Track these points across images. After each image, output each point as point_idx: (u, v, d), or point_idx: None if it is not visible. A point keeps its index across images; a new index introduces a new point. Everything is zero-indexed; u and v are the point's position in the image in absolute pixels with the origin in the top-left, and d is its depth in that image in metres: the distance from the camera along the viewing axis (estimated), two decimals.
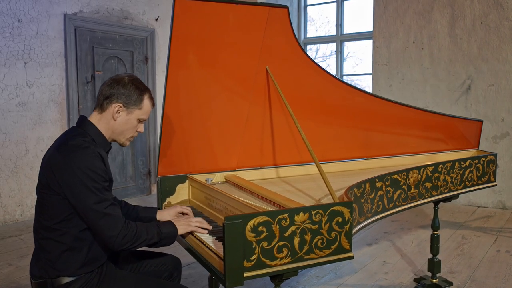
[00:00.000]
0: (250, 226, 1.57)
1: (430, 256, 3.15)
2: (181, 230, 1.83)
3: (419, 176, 2.60)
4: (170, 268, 2.08)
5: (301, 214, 1.65)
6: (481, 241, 4.18)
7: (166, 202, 2.39)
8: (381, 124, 2.92)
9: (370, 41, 6.25)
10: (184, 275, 3.00)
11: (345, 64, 7.58)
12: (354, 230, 2.08)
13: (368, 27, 6.52)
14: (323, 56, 8.19)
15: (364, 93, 2.76)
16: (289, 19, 2.20)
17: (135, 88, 1.81)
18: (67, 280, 1.68)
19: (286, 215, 1.63)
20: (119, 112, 1.79)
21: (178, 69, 2.14)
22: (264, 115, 2.48)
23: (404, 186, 2.51)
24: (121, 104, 1.78)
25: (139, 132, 1.90)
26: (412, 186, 2.56)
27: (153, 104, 1.90)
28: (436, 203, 3.04)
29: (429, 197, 2.69)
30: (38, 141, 4.86)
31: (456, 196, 2.94)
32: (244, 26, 2.15)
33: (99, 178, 1.65)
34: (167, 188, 2.39)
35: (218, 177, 2.51)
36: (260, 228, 1.59)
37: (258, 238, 1.59)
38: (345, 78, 7.37)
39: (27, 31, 4.74)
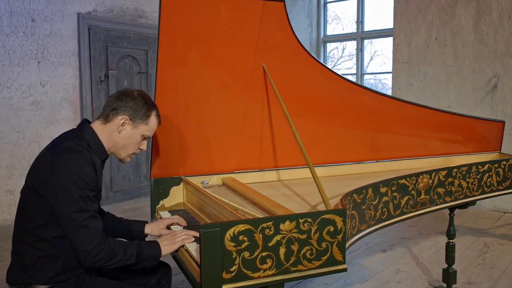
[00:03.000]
0: (230, 235, 1.46)
1: (446, 265, 2.96)
2: (166, 251, 1.70)
3: (430, 181, 2.42)
4: (159, 275, 1.98)
5: (287, 222, 1.53)
6: (506, 249, 3.93)
7: (159, 205, 2.30)
8: (391, 125, 2.74)
9: (391, 39, 6.02)
10: (176, 282, 2.88)
11: (372, 63, 7.37)
12: (354, 239, 1.95)
13: (389, 24, 6.28)
14: (349, 55, 7.99)
15: (371, 91, 2.60)
16: (285, 13, 2.06)
17: (144, 103, 1.74)
18: (40, 287, 1.60)
19: (270, 223, 1.51)
20: (124, 125, 1.72)
21: (168, 65, 2.04)
22: (263, 114, 2.36)
23: (413, 192, 2.34)
24: (127, 117, 1.72)
25: (141, 150, 1.83)
26: (423, 191, 2.39)
27: (160, 122, 1.83)
28: (451, 209, 2.84)
29: (441, 203, 2.51)
30: (51, 140, 4.87)
31: (473, 202, 2.74)
32: (237, 21, 2.04)
33: (84, 186, 1.56)
34: (160, 191, 2.30)
35: (214, 180, 2.40)
36: (241, 237, 1.47)
37: (238, 248, 1.47)
38: (366, 77, 7.16)
39: (40, 30, 4.75)
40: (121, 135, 1.73)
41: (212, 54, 2.12)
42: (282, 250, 1.52)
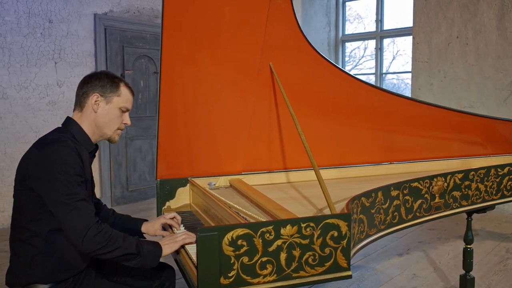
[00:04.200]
0: (228, 239, 1.41)
1: (464, 272, 2.85)
2: (166, 250, 1.66)
3: (445, 184, 2.32)
4: (162, 278, 1.95)
5: (288, 227, 1.47)
6: None
7: (165, 206, 2.27)
8: (405, 126, 2.65)
9: (411, 37, 5.88)
10: (180, 286, 2.82)
11: (394, 62, 7.22)
12: (362, 244, 1.88)
13: (409, 22, 6.13)
14: (371, 54, 7.86)
15: (384, 91, 2.52)
16: (292, 10, 2.00)
17: (108, 77, 1.75)
18: (39, 287, 1.58)
19: (271, 227, 1.45)
20: (97, 103, 1.72)
21: (172, 65, 2.01)
22: (271, 115, 2.30)
23: (426, 195, 2.25)
24: (98, 94, 1.72)
25: (126, 124, 1.81)
26: (437, 195, 2.29)
27: (133, 92, 1.82)
28: (469, 214, 2.73)
29: (457, 207, 2.41)
30: None
31: (492, 206, 2.62)
32: (242, 19, 1.99)
33: (71, 171, 1.55)
34: (166, 192, 2.27)
35: (222, 181, 2.36)
36: (239, 242, 1.42)
37: (237, 252, 1.42)
38: (388, 77, 7.02)
39: (57, 31, 4.81)
40: (99, 114, 1.72)
41: (218, 53, 2.08)
42: (283, 256, 1.47)
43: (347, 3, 7.24)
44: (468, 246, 2.80)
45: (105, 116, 1.73)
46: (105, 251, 1.52)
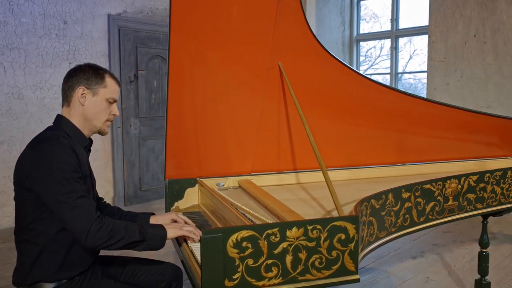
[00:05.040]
0: (233, 241, 1.39)
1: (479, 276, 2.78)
2: (171, 233, 1.67)
3: (459, 186, 2.26)
4: (168, 278, 1.93)
5: (294, 229, 1.44)
6: None
7: (174, 207, 2.26)
8: (419, 126, 2.59)
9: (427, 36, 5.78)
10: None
11: (411, 62, 7.12)
12: (371, 247, 1.85)
13: (425, 21, 6.03)
14: (387, 54, 7.76)
15: (396, 91, 2.47)
16: (301, 8, 1.97)
17: (93, 70, 1.73)
18: (45, 287, 1.59)
19: (276, 229, 1.43)
20: (84, 96, 1.70)
21: (180, 64, 2.00)
22: (280, 115, 2.28)
23: (439, 198, 2.20)
24: (83, 87, 1.70)
25: (114, 115, 1.79)
26: (450, 197, 2.24)
27: (118, 83, 1.80)
28: (484, 216, 2.66)
29: (472, 210, 2.35)
30: None
31: (509, 209, 2.55)
32: (250, 17, 1.97)
33: (67, 168, 1.54)
34: (175, 192, 2.26)
35: (230, 182, 2.34)
36: (244, 244, 1.40)
37: (242, 254, 1.40)
38: (405, 76, 6.92)
39: (72, 32, 4.86)
40: (86, 106, 1.71)
41: (226, 53, 2.06)
42: (288, 258, 1.44)
43: (362, 2, 7.16)
44: (484, 250, 2.74)
45: (93, 108, 1.71)
46: (110, 243, 1.53)
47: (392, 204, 1.95)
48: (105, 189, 5.23)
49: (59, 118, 1.73)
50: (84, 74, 1.71)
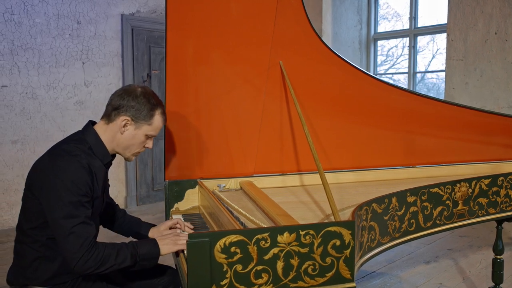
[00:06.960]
0: (220, 246, 1.34)
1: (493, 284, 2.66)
2: (164, 250, 1.61)
3: (470, 190, 2.16)
4: (165, 281, 1.90)
5: (285, 234, 1.38)
6: None
7: (174, 208, 2.23)
8: (429, 127, 2.49)
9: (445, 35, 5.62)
10: None
11: (434, 61, 6.95)
12: (372, 253, 1.78)
13: (444, 19, 5.87)
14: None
15: (405, 91, 2.38)
16: (302, 5, 1.91)
17: (147, 102, 1.66)
18: None
19: (266, 235, 1.37)
20: (126, 126, 1.65)
21: (178, 64, 1.96)
22: (282, 115, 2.22)
23: (448, 202, 2.10)
24: (129, 118, 1.64)
25: (147, 148, 1.76)
26: (460, 202, 2.14)
27: (165, 120, 1.75)
28: (499, 222, 2.54)
29: (484, 215, 2.24)
30: None
31: None
32: (250, 14, 1.91)
33: (77, 191, 1.50)
34: (175, 193, 2.22)
35: (232, 183, 2.29)
36: (232, 249, 1.35)
37: (230, 260, 1.35)
38: (427, 76, 6.76)
39: (85, 32, 4.89)
40: (124, 136, 1.67)
41: (225, 52, 2.01)
42: (279, 264, 1.38)
43: (383, 1, 7.02)
44: (498, 256, 2.62)
45: (129, 140, 1.68)
46: (98, 271, 1.49)
47: (396, 208, 1.87)
48: (117, 189, 5.26)
49: (90, 130, 1.67)
50: (136, 104, 1.64)
